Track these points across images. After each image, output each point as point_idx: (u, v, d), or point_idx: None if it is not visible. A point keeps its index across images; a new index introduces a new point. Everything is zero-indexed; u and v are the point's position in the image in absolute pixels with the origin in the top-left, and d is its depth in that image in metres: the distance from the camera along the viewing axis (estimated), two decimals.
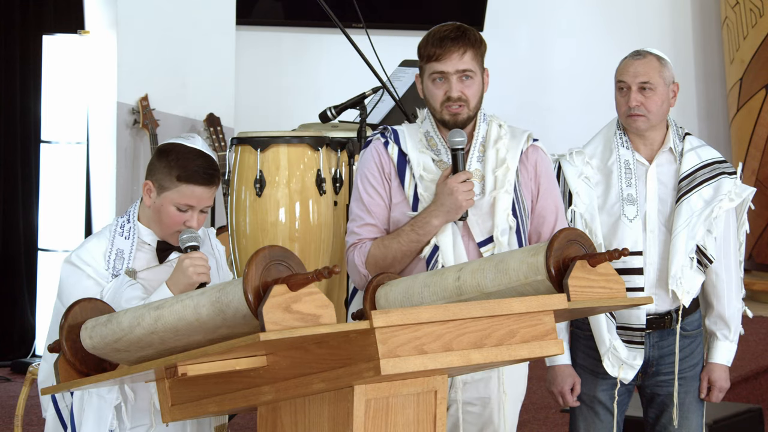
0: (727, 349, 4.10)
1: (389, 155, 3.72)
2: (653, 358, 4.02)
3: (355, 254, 3.69)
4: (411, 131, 3.75)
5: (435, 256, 3.63)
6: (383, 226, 3.72)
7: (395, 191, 3.71)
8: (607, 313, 3.95)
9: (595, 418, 4.06)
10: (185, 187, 3.45)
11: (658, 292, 3.98)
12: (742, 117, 8.54)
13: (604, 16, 8.81)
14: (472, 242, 3.67)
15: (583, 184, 4.00)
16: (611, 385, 4.03)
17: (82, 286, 3.44)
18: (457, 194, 3.58)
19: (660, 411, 4.09)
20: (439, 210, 3.61)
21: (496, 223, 3.67)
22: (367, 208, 3.71)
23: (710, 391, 4.09)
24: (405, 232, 3.64)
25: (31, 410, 5.60)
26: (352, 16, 6.36)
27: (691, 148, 4.04)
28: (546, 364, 4.07)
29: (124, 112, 6.80)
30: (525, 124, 9.64)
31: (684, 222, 3.95)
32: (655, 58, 3.98)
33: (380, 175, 3.72)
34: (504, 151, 3.74)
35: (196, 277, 3.37)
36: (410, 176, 3.70)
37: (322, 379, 2.86)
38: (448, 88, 3.67)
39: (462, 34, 3.72)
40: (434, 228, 3.62)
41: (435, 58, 3.66)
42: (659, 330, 4.01)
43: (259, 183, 5.89)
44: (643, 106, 3.95)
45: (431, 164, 3.70)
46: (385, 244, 3.66)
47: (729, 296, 4.08)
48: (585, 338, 4.04)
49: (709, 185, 4.00)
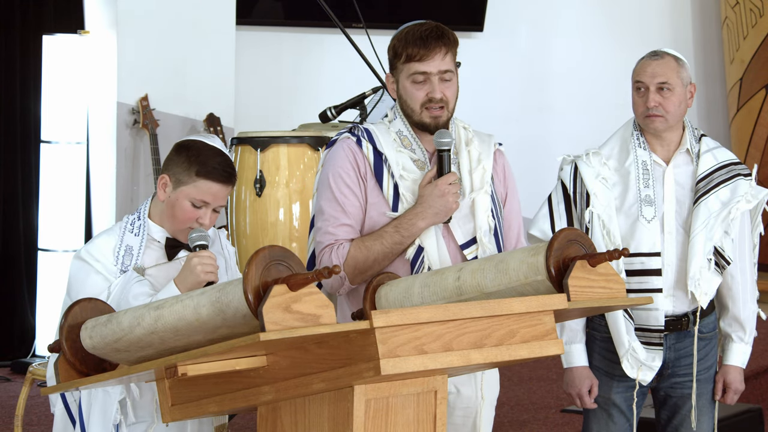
0: (741, 351, 4.09)
1: (364, 154, 3.64)
2: (669, 360, 4.01)
3: (332, 255, 3.60)
4: (382, 130, 3.68)
5: (420, 257, 3.59)
6: (359, 227, 3.63)
7: (371, 191, 3.64)
8: (626, 314, 3.94)
9: (608, 421, 4.04)
10: (203, 183, 3.45)
11: (676, 293, 3.97)
12: (742, 117, 8.54)
13: (604, 16, 8.81)
14: (453, 244, 3.63)
15: (601, 185, 3.97)
16: (626, 387, 4.02)
17: (90, 281, 3.45)
18: (448, 196, 3.55)
19: (672, 412, 4.09)
20: (426, 212, 3.57)
21: (479, 224, 3.65)
22: (343, 208, 3.62)
23: (725, 393, 4.09)
24: (388, 233, 3.58)
25: (31, 410, 5.60)
26: (352, 16, 6.37)
27: (708, 149, 4.03)
28: (563, 366, 4.06)
29: (124, 112, 6.80)
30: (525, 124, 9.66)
31: (702, 223, 3.94)
32: (672, 59, 3.97)
33: (355, 174, 3.64)
34: (476, 153, 3.71)
35: (204, 275, 3.37)
36: (388, 176, 3.63)
37: (322, 379, 2.86)
38: (430, 89, 3.60)
39: (443, 34, 3.63)
40: (420, 230, 3.57)
41: (418, 58, 3.60)
42: (676, 332, 4.00)
43: (259, 183, 5.89)
44: (661, 106, 3.93)
45: (411, 164, 3.65)
46: (366, 245, 3.58)
47: (744, 298, 4.07)
48: (601, 340, 4.03)
49: (726, 187, 3.99)
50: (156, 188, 3.53)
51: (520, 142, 8.48)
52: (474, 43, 8.39)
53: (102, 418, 3.44)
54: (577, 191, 3.99)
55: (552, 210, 4.02)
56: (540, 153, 8.20)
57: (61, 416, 3.56)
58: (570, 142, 7.36)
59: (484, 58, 8.38)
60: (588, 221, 3.94)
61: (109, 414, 3.43)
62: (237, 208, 6.10)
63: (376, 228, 3.61)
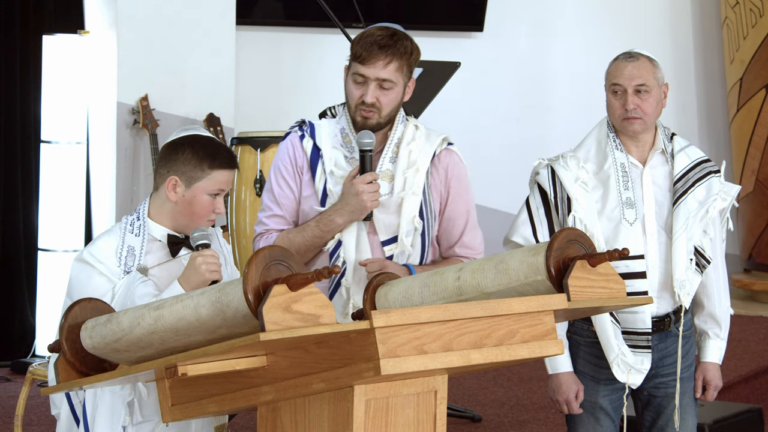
0: (718, 347, 4.09)
1: (303, 149, 3.79)
2: (653, 361, 4.01)
3: (261, 244, 3.78)
4: (328, 126, 3.81)
5: (338, 250, 3.71)
6: (291, 218, 3.81)
7: (306, 185, 3.79)
8: (613, 318, 3.94)
9: (595, 424, 4.03)
10: (218, 173, 3.50)
11: (661, 294, 3.97)
12: (742, 117, 8.54)
13: (604, 16, 8.81)
14: (377, 239, 3.73)
15: (581, 189, 3.96)
16: (612, 390, 4.01)
17: (94, 283, 3.45)
18: (362, 195, 3.66)
19: (657, 413, 4.07)
20: (344, 209, 3.69)
21: (401, 224, 3.73)
22: (277, 199, 3.80)
23: (705, 390, 4.09)
24: (310, 227, 3.73)
25: (31, 410, 5.60)
26: (352, 16, 6.37)
27: (681, 148, 4.04)
28: (548, 372, 4.05)
29: (124, 112, 6.80)
30: (525, 124, 9.66)
31: (683, 224, 3.94)
32: (647, 60, 3.97)
33: (292, 167, 3.79)
34: (416, 153, 3.78)
35: (209, 274, 3.39)
36: (321, 171, 3.76)
37: (322, 379, 2.86)
38: (364, 92, 3.71)
39: (392, 43, 3.72)
40: (338, 226, 3.70)
41: (360, 60, 3.72)
42: (659, 332, 4.00)
43: (259, 183, 5.89)
44: (639, 108, 3.94)
45: (343, 161, 3.76)
46: (289, 237, 3.75)
47: (719, 295, 4.07)
48: (586, 345, 4.02)
49: (701, 185, 3.99)
50: (154, 189, 3.53)
51: (520, 142, 8.48)
52: (474, 43, 8.39)
53: (109, 420, 3.43)
54: (558, 196, 3.97)
55: (531, 215, 4.00)
56: (540, 153, 8.18)
57: (67, 418, 3.56)
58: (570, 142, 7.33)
59: (484, 58, 8.38)
60: (571, 226, 3.92)
61: (117, 415, 3.43)
62: (237, 208, 6.10)
63: (308, 220, 3.76)
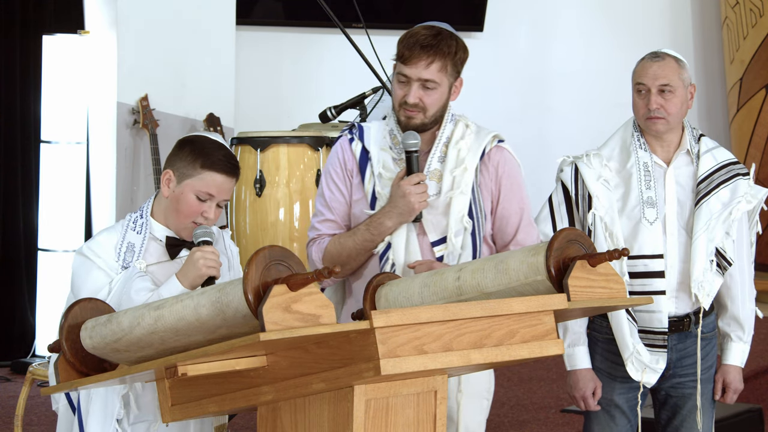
0: (741, 350, 4.09)
1: (353, 152, 3.76)
2: (671, 361, 4.00)
3: (313, 249, 3.76)
4: (378, 129, 3.77)
5: (387, 253, 3.68)
6: (343, 222, 3.77)
7: (356, 188, 3.76)
8: (629, 317, 3.94)
9: (610, 422, 4.04)
10: (208, 175, 3.47)
11: (678, 294, 3.97)
12: (742, 117, 8.54)
13: (604, 16, 8.81)
14: (427, 240, 3.69)
15: (602, 187, 3.97)
16: (628, 388, 4.01)
17: (92, 276, 3.46)
18: (410, 197, 3.62)
19: (673, 413, 4.08)
20: (392, 211, 3.65)
21: (450, 224, 3.69)
22: (328, 204, 3.77)
23: (724, 392, 4.09)
24: (360, 231, 3.69)
25: (31, 410, 5.60)
26: (352, 16, 6.37)
27: (707, 149, 4.03)
28: (566, 368, 4.05)
29: (124, 112, 6.80)
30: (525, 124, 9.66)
31: (704, 225, 3.94)
32: (673, 60, 3.96)
33: (342, 171, 3.77)
34: (465, 152, 3.74)
35: (206, 269, 3.38)
36: (370, 173, 3.74)
37: (322, 379, 2.86)
38: (407, 92, 3.67)
39: (435, 43, 3.66)
40: (388, 229, 3.66)
41: (402, 60, 3.67)
42: (678, 333, 4.00)
43: (259, 183, 5.90)
44: (663, 108, 3.93)
45: (391, 163, 3.72)
46: (341, 241, 3.72)
47: (743, 298, 4.07)
48: (603, 341, 4.03)
49: (726, 187, 3.99)
50: (156, 187, 3.54)
51: (520, 143, 8.44)
52: (474, 43, 8.37)
53: (102, 412, 3.43)
54: (579, 193, 3.98)
55: (553, 212, 4.02)
56: (540, 153, 8.19)
57: (65, 412, 3.57)
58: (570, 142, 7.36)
59: (484, 58, 8.37)
60: (591, 223, 3.93)
61: (110, 408, 3.43)
62: (237, 208, 6.10)
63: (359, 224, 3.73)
